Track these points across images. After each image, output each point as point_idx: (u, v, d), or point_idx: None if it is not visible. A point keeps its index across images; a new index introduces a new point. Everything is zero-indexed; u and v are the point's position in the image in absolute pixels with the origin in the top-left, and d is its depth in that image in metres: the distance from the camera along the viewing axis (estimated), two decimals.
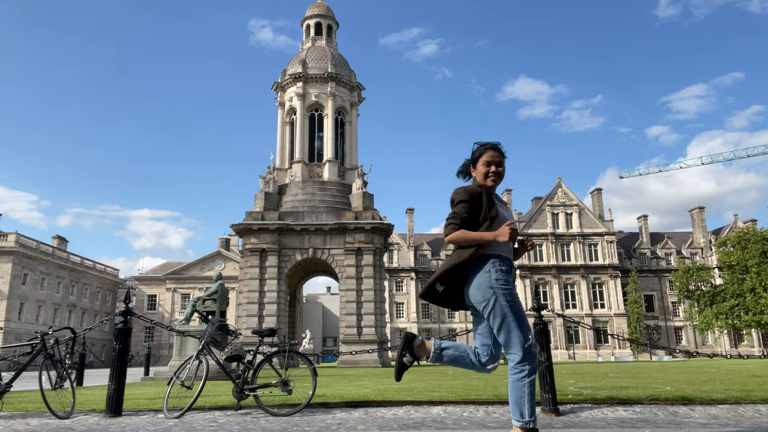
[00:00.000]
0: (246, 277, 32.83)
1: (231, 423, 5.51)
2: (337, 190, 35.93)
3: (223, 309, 17.34)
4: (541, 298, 8.63)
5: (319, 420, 5.57)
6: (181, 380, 6.25)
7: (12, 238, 54.07)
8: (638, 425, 4.97)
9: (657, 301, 73.48)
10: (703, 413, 5.74)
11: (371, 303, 32.16)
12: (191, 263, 73.84)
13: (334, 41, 41.49)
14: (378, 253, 33.58)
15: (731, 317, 54.79)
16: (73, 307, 63.44)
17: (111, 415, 6.17)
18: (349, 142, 38.40)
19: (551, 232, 72.41)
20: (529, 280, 70.46)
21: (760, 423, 5.11)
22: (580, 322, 7.25)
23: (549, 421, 5.29)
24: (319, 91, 37.86)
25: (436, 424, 5.18)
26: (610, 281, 70.74)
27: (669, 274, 71.82)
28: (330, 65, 38.05)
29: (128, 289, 11.32)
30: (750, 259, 53.69)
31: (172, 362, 17.17)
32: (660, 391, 7.33)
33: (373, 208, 34.86)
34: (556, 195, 74.36)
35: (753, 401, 6.33)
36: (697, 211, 78.86)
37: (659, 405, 6.21)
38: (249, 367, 6.35)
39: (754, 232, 56.14)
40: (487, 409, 6.19)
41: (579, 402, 6.50)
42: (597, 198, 75.60)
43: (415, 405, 6.57)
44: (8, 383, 6.43)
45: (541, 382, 5.83)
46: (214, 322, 7.03)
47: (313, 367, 6.25)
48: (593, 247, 72.47)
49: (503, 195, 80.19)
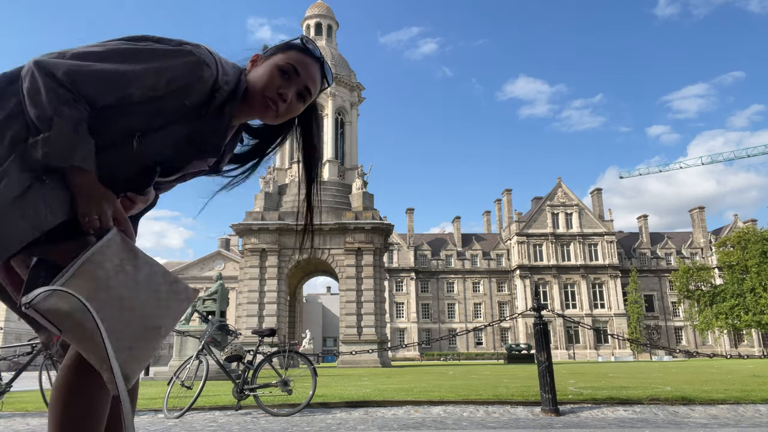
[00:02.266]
0: (246, 277, 32.84)
1: (231, 423, 5.51)
2: (337, 190, 35.93)
3: (223, 309, 17.35)
4: (541, 298, 8.64)
5: (319, 420, 5.57)
6: (181, 380, 6.26)
7: None
8: (638, 425, 4.97)
9: (657, 301, 73.50)
10: (703, 413, 5.74)
11: (371, 303, 32.15)
12: (191, 263, 73.84)
13: (334, 41, 41.50)
14: (378, 253, 33.58)
15: (731, 317, 54.83)
16: None
17: None
18: (349, 142, 38.41)
19: (551, 232, 72.40)
20: (529, 280, 70.45)
21: (760, 423, 5.11)
22: (580, 322, 7.25)
23: (549, 421, 5.29)
24: None
25: (436, 424, 5.18)
26: (610, 281, 70.74)
27: (669, 274, 71.86)
28: (330, 65, 38.04)
29: None
30: (750, 259, 53.73)
31: (172, 362, 17.18)
32: (660, 391, 7.33)
33: (373, 208, 34.87)
34: (556, 195, 74.35)
35: (753, 401, 6.32)
36: (697, 211, 78.88)
37: (659, 405, 6.21)
38: (249, 367, 6.36)
39: (754, 232, 56.19)
40: (487, 409, 6.19)
41: (579, 402, 6.50)
42: (597, 198, 75.60)
43: (415, 405, 6.57)
44: (8, 383, 6.44)
45: (541, 382, 5.83)
46: (214, 322, 7.03)
47: (313, 367, 6.25)
48: (593, 247, 72.48)
49: (503, 195, 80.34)
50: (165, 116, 1.43)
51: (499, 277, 75.40)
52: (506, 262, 75.75)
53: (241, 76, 1.54)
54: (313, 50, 1.60)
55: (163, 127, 1.43)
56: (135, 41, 1.41)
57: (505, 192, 79.77)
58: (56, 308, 1.18)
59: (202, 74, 1.41)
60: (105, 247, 1.29)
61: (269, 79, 1.52)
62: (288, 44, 1.59)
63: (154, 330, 1.33)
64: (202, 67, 1.41)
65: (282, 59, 1.55)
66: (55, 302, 1.18)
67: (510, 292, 74.35)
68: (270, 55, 1.57)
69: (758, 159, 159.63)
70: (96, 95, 1.32)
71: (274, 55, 1.57)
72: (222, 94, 1.46)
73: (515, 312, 70.67)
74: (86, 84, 1.30)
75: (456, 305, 74.53)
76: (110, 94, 1.34)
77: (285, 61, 1.54)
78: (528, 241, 72.29)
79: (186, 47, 1.43)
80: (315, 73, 1.59)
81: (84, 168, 1.32)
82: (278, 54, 1.56)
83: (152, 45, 1.41)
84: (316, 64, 1.60)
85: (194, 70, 1.40)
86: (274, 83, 1.52)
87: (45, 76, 1.27)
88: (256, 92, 1.53)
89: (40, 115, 1.27)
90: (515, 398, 6.73)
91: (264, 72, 1.54)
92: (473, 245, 77.11)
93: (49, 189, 1.30)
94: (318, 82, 1.61)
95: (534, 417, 5.62)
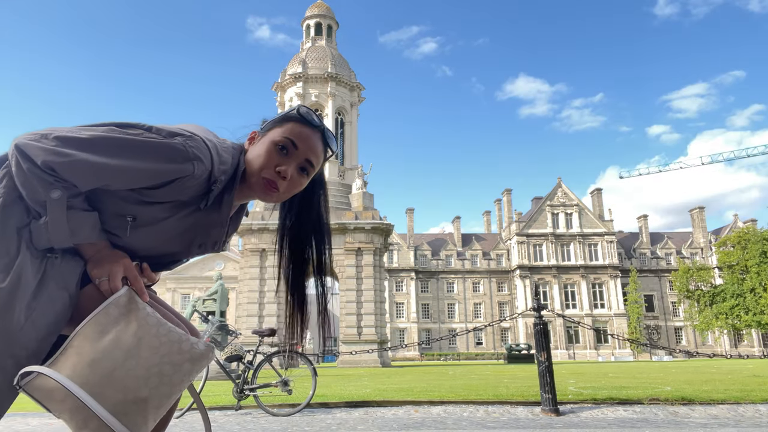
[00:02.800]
0: (246, 277, 32.87)
1: (231, 423, 5.51)
2: (337, 190, 35.92)
3: (223, 309, 17.35)
4: (541, 298, 8.65)
5: (319, 420, 5.56)
6: None
7: None
8: (638, 425, 4.97)
9: (657, 301, 73.51)
10: (703, 413, 5.73)
11: (371, 303, 32.17)
12: (191, 263, 73.86)
13: (334, 41, 41.50)
14: (378, 253, 33.59)
15: (731, 317, 54.87)
16: None
17: None
18: (349, 142, 38.43)
19: (551, 232, 72.40)
20: (529, 280, 70.45)
21: (760, 423, 5.11)
22: (580, 322, 7.25)
23: (549, 421, 5.29)
24: (319, 92, 37.88)
25: (436, 424, 5.18)
26: (610, 281, 70.74)
27: (669, 274, 71.87)
28: (330, 65, 38.07)
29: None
30: (750, 259, 53.76)
31: None
32: (660, 391, 7.33)
33: (373, 208, 34.88)
34: (556, 195, 74.35)
35: (753, 401, 6.32)
36: (697, 211, 78.88)
37: (659, 405, 6.21)
38: (249, 367, 6.36)
39: (754, 232, 56.22)
40: (487, 409, 6.19)
41: (579, 402, 6.50)
42: (597, 198, 75.61)
43: (415, 405, 6.57)
44: None
45: (541, 382, 5.83)
46: (214, 322, 7.04)
47: (313, 367, 6.25)
48: (593, 247, 72.48)
49: (503, 195, 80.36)
50: (156, 211, 1.37)
51: (499, 277, 75.40)
52: (506, 262, 75.75)
53: (240, 157, 1.46)
54: (312, 120, 1.49)
55: (155, 222, 1.38)
56: (124, 128, 1.32)
57: (505, 192, 79.80)
58: (40, 389, 1.18)
59: (194, 171, 1.32)
60: (107, 310, 1.28)
61: (267, 158, 1.43)
62: (285, 116, 1.49)
63: (140, 402, 1.26)
64: (194, 163, 1.32)
65: (279, 134, 1.46)
66: (39, 383, 1.18)
67: (510, 292, 74.36)
68: (267, 130, 1.49)
69: (759, 159, 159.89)
70: (78, 184, 1.27)
71: (272, 129, 1.48)
72: (219, 185, 1.39)
73: (515, 312, 70.67)
74: (67, 173, 1.25)
75: (456, 305, 74.54)
76: (92, 184, 1.29)
77: (282, 136, 1.45)
78: (528, 241, 72.29)
79: (176, 141, 1.32)
80: (315, 143, 1.48)
81: (90, 242, 1.32)
82: (275, 128, 1.47)
83: (142, 137, 1.31)
84: (316, 134, 1.49)
85: (184, 168, 1.31)
86: (272, 161, 1.43)
87: (26, 161, 1.23)
88: (254, 173, 1.44)
89: (34, 200, 1.26)
90: (515, 398, 6.73)
91: (261, 151, 1.45)
92: (473, 245, 77.11)
93: (62, 266, 1.30)
94: (320, 152, 1.50)
95: (534, 417, 5.62)
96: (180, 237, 1.44)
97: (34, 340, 1.25)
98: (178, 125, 1.40)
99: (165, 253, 1.48)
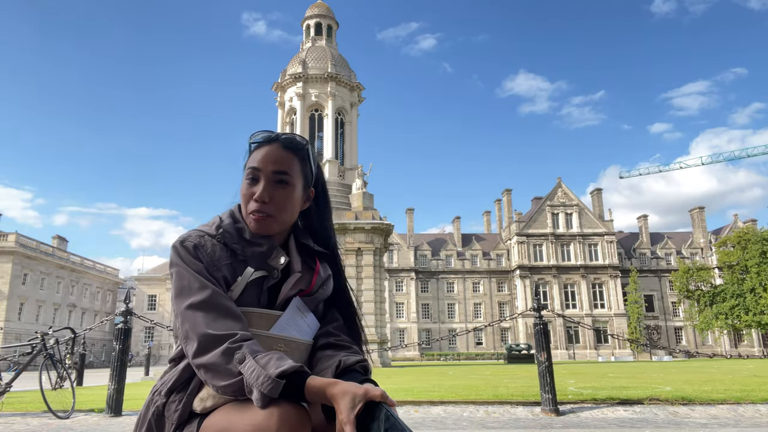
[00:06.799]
0: None
1: None
2: (337, 190, 35.93)
3: None
4: (541, 298, 8.66)
5: None
6: None
7: (12, 239, 54.07)
8: (638, 425, 4.97)
9: (657, 301, 73.51)
10: (703, 413, 5.73)
11: (371, 303, 32.17)
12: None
13: (334, 41, 41.52)
14: (378, 253, 33.60)
15: (731, 317, 54.88)
16: (73, 307, 63.44)
17: (111, 414, 6.17)
18: (349, 142, 38.44)
19: (551, 232, 72.41)
20: (529, 280, 70.47)
21: (760, 423, 5.11)
22: (580, 322, 7.25)
23: (549, 421, 5.29)
24: (319, 92, 37.89)
25: (436, 424, 5.18)
26: (610, 281, 70.76)
27: (669, 274, 71.87)
28: (330, 65, 38.08)
29: (128, 289, 11.36)
30: (750, 259, 53.76)
31: None
32: (660, 391, 7.33)
33: (373, 208, 34.90)
34: (556, 195, 74.37)
35: (753, 401, 6.33)
36: (697, 211, 78.91)
37: (659, 405, 6.21)
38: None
39: (754, 232, 56.23)
40: (487, 409, 6.19)
41: (579, 402, 6.50)
42: (597, 198, 75.63)
43: (415, 405, 6.57)
44: (8, 383, 6.44)
45: (541, 382, 5.83)
46: None
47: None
48: (593, 247, 72.49)
49: (503, 195, 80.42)
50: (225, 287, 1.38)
51: (499, 277, 75.41)
52: (506, 262, 75.76)
53: (234, 215, 1.46)
54: (264, 138, 1.46)
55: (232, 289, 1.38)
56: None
57: (505, 192, 79.80)
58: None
59: (198, 255, 1.35)
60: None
61: (245, 197, 1.44)
62: (246, 157, 1.49)
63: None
64: (198, 249, 1.36)
65: (245, 171, 1.45)
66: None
67: (510, 292, 74.36)
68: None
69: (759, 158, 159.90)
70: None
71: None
72: (232, 243, 1.40)
73: (515, 312, 70.67)
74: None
75: (456, 305, 74.54)
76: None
77: (247, 170, 1.45)
78: (528, 241, 72.31)
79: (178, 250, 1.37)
80: (274, 153, 1.43)
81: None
82: (244, 171, 1.47)
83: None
84: (273, 146, 1.45)
85: (195, 259, 1.35)
86: (249, 195, 1.42)
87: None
88: (246, 216, 1.44)
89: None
90: (515, 398, 6.73)
91: (240, 196, 1.46)
92: (473, 245, 77.13)
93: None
94: (284, 158, 1.44)
95: (534, 417, 5.62)
96: (253, 290, 1.43)
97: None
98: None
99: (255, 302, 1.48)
